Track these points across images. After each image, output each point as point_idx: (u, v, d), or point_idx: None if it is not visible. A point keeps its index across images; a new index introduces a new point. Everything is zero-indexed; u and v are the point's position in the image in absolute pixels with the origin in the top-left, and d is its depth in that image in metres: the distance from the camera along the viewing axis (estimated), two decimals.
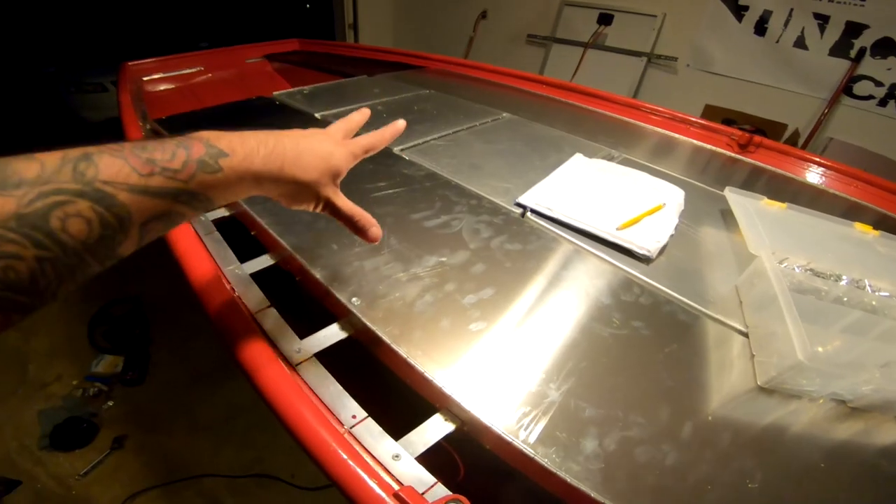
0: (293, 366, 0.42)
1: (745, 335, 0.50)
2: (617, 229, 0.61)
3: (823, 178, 0.99)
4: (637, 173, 0.78)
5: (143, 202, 0.23)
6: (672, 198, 0.71)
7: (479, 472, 0.49)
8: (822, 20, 2.04)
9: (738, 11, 2.20)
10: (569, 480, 0.33)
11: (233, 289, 0.49)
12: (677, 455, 0.36)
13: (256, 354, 0.41)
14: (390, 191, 0.67)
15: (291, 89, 1.14)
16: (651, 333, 0.48)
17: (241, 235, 0.60)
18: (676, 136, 1.13)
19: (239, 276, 0.52)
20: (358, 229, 0.40)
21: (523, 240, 0.59)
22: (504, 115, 1.06)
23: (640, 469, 0.35)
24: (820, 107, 2.11)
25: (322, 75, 1.51)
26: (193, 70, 1.47)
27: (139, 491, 1.20)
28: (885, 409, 0.42)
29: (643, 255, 0.58)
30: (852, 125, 2.07)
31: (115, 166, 0.22)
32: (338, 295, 0.48)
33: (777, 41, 2.15)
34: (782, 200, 0.73)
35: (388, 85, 1.22)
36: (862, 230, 0.71)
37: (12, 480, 1.18)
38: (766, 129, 2.21)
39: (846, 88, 2.05)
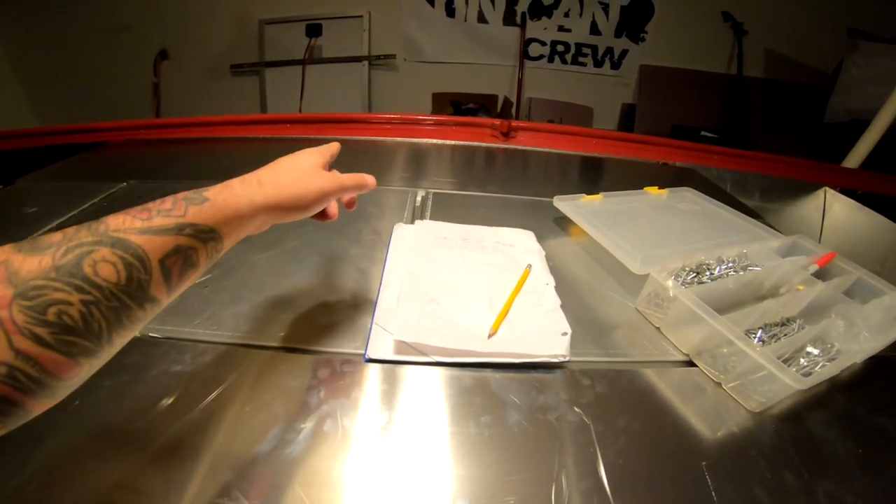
0: None
1: (691, 363, 0.45)
2: (489, 337, 0.43)
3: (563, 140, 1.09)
4: (478, 230, 0.64)
5: (152, 241, 0.25)
6: (531, 250, 0.60)
7: None
8: None
9: None
10: None
11: None
12: None
13: None
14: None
15: None
16: (640, 423, 0.38)
17: None
18: (449, 142, 1.06)
19: None
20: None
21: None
22: None
23: None
24: (513, 73, 2.49)
25: None
26: None
27: None
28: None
29: (559, 362, 0.42)
30: (539, 83, 2.53)
31: (120, 219, 0.25)
32: None
33: (465, 20, 2.39)
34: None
35: (51, 195, 0.73)
36: (655, 194, 0.76)
37: None
38: (484, 103, 2.49)
39: (524, 53, 2.46)
